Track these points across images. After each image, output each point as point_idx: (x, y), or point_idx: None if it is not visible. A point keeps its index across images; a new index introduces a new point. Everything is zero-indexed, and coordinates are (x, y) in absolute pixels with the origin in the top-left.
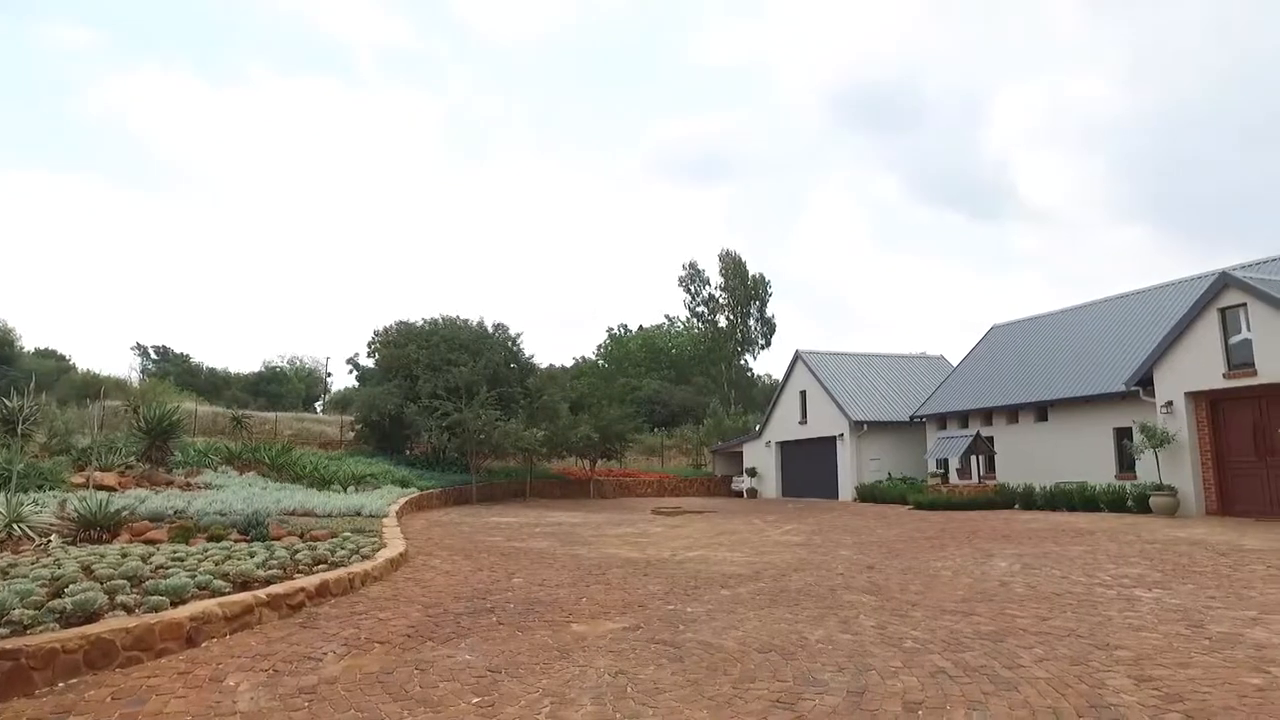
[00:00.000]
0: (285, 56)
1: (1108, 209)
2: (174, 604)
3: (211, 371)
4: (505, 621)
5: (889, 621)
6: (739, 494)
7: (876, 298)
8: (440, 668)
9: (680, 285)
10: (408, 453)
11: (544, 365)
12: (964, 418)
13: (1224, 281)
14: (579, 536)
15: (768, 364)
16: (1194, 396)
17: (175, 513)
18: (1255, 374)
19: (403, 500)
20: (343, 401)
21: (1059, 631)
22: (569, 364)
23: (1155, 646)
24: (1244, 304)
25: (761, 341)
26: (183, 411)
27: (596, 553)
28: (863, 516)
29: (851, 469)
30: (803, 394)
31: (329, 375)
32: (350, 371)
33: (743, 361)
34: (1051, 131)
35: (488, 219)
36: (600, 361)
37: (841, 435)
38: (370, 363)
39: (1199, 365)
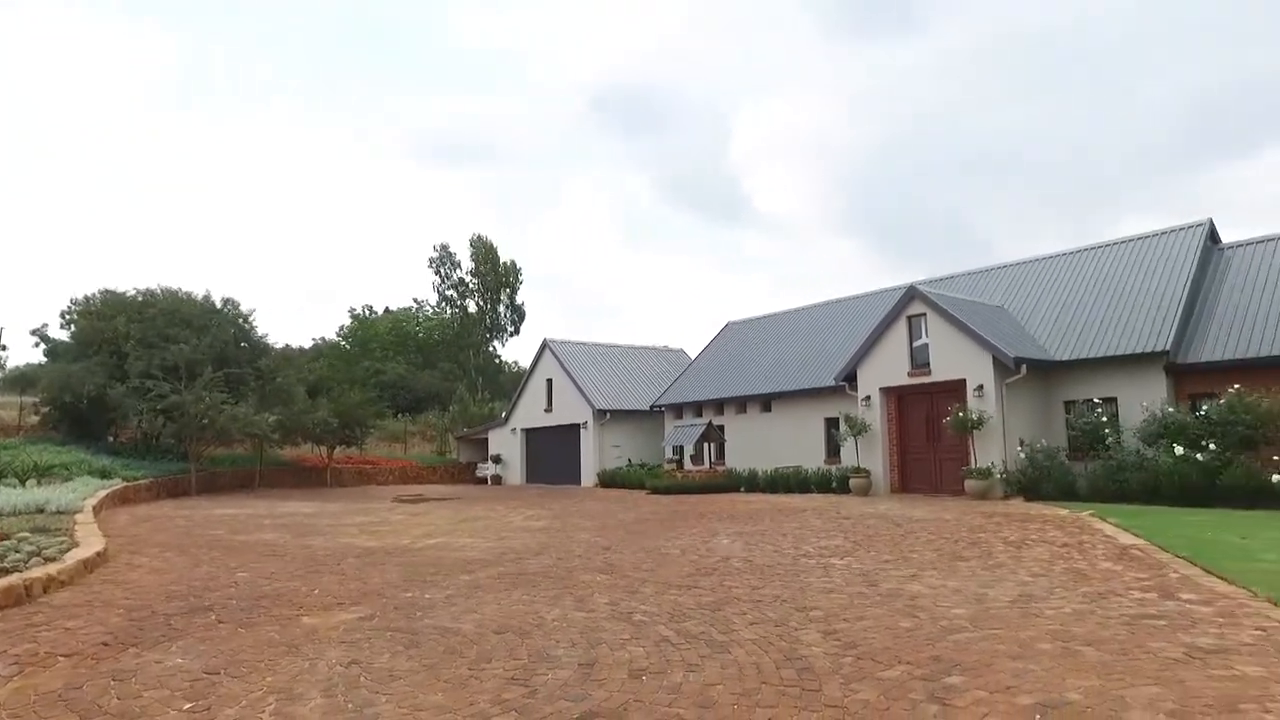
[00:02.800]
0: None
1: (828, 221)
2: None
3: None
4: (226, 619)
5: (621, 598)
6: (484, 481)
7: (624, 291)
8: (146, 675)
9: (430, 267)
10: (111, 440)
11: (280, 345)
12: (699, 407)
13: (912, 294)
14: (314, 527)
15: (516, 351)
16: (886, 391)
17: None
18: (930, 373)
19: (103, 494)
20: (24, 380)
21: (768, 598)
22: (308, 345)
23: (841, 605)
24: (925, 313)
25: (511, 329)
26: None
27: (332, 543)
28: (603, 501)
29: (594, 455)
30: (549, 382)
31: (4, 349)
32: (36, 345)
33: (491, 348)
34: (783, 147)
35: (218, 182)
36: (343, 343)
37: (585, 423)
38: (64, 335)
39: (891, 364)
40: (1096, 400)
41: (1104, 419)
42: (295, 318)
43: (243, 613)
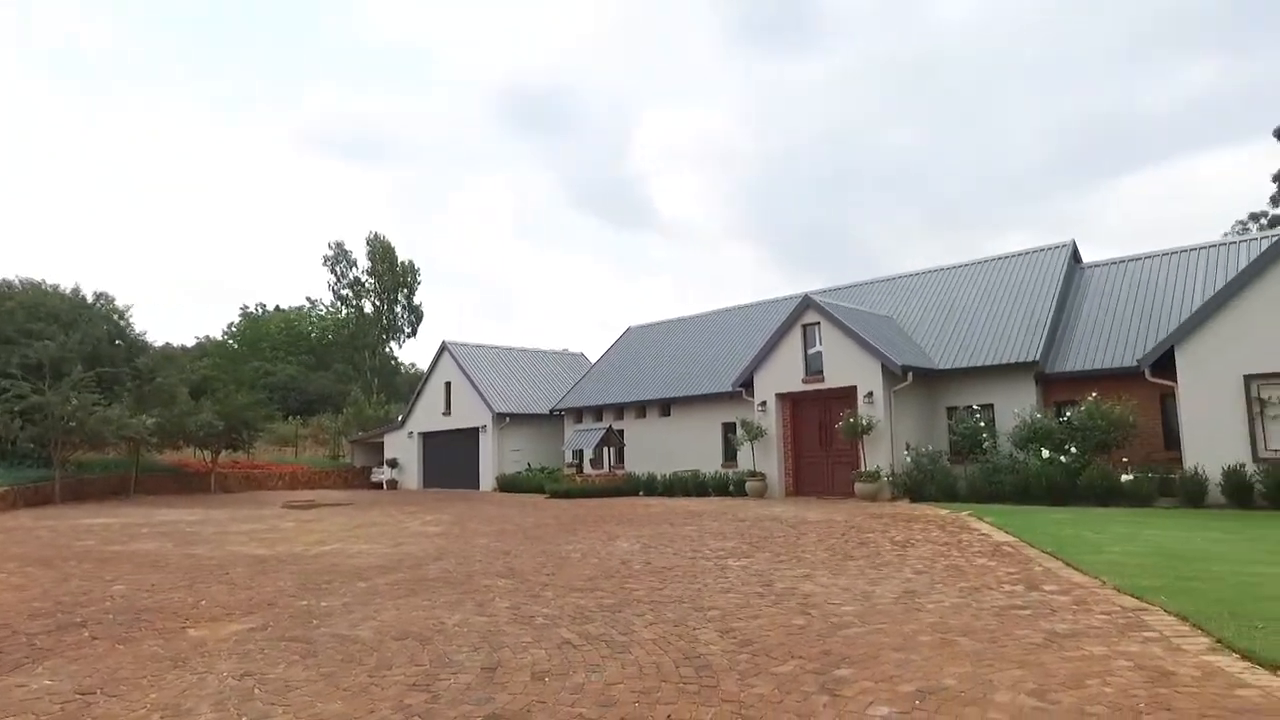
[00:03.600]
0: None
1: (731, 229)
2: None
3: None
4: (102, 635)
5: (523, 602)
6: (379, 485)
7: (525, 293)
8: (6, 701)
9: (325, 265)
10: None
11: (160, 344)
12: (599, 411)
13: (806, 303)
14: (198, 535)
15: (414, 353)
16: (782, 397)
17: None
18: (823, 380)
19: None
20: None
21: (667, 600)
22: (191, 344)
23: (737, 604)
24: (819, 322)
25: (408, 330)
26: None
27: (219, 551)
28: (502, 506)
29: (493, 460)
30: (448, 385)
31: None
32: None
33: (388, 349)
34: (688, 154)
35: (94, 169)
36: (230, 342)
37: (484, 426)
38: None
39: (786, 371)
40: (975, 406)
41: (982, 424)
42: (180, 315)
43: (120, 627)
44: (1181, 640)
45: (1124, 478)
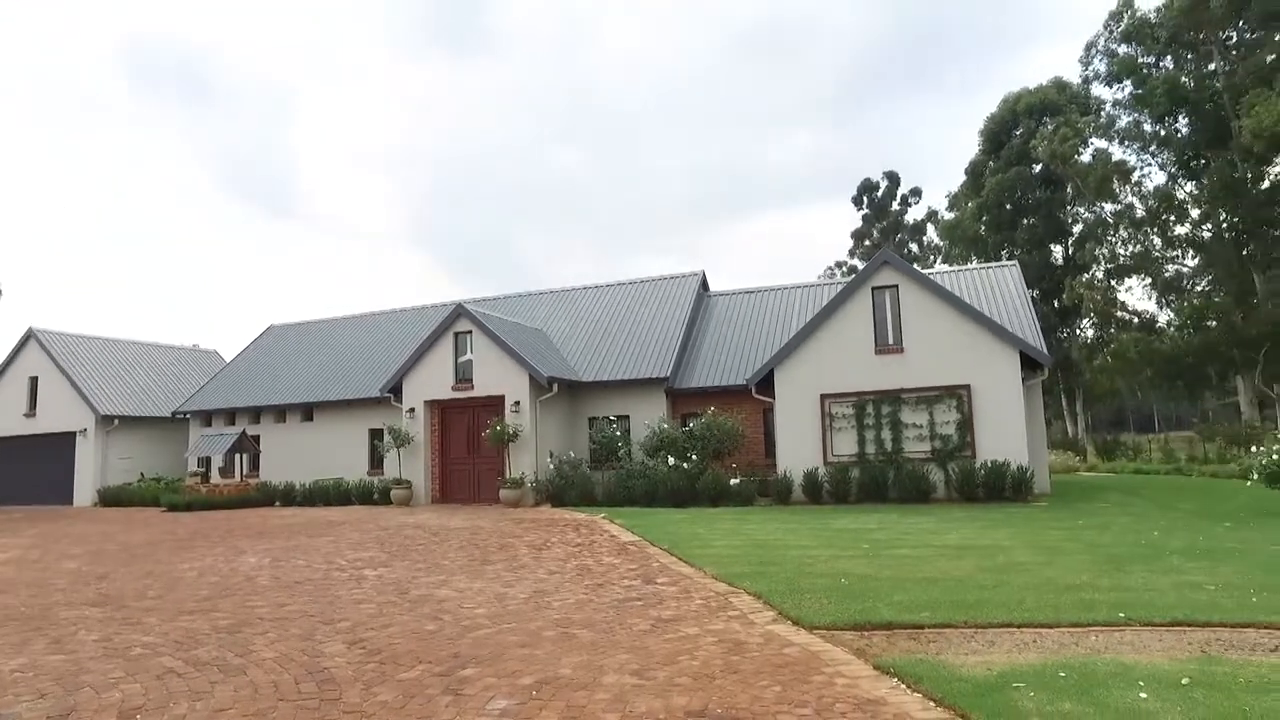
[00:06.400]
0: None
1: (395, 231)
2: None
3: None
4: None
5: (118, 632)
6: None
7: (147, 278)
8: None
9: None
10: None
11: None
12: (232, 415)
13: (459, 311)
14: None
15: None
16: (431, 404)
17: None
18: (473, 388)
19: None
20: None
21: (294, 615)
22: None
23: (370, 614)
24: (471, 331)
25: None
26: None
27: None
28: (104, 523)
29: (95, 469)
30: (34, 380)
31: None
32: None
33: None
34: (354, 150)
35: None
36: None
37: (84, 430)
38: None
39: (436, 378)
40: (613, 417)
41: (619, 434)
42: None
43: None
44: (755, 615)
45: (733, 481)
